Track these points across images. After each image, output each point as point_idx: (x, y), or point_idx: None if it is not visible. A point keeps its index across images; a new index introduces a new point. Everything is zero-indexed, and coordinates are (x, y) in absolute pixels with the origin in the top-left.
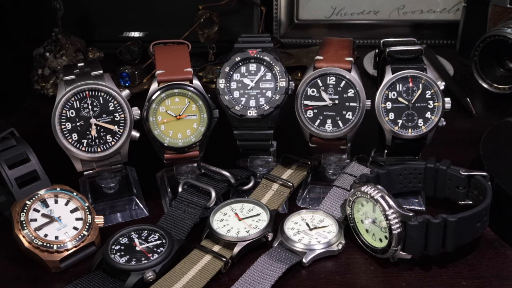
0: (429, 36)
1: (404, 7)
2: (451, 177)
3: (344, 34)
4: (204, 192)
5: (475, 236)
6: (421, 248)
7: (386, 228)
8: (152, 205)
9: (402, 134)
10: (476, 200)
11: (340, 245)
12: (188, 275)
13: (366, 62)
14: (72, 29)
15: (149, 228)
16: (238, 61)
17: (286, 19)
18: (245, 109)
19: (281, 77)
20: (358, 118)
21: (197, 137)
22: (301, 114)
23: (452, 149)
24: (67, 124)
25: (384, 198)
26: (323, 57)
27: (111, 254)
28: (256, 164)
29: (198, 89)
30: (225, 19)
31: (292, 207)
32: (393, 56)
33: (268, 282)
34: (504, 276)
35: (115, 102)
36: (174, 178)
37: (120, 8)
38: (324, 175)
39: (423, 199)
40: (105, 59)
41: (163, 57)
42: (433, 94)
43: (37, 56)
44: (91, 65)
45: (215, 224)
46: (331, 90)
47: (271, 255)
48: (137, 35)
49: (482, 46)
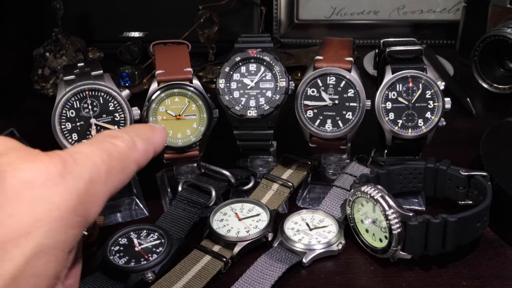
0: (429, 36)
1: (404, 7)
2: (451, 177)
3: (344, 34)
4: (204, 191)
5: (475, 236)
6: (421, 248)
7: (386, 228)
8: (152, 205)
9: (402, 134)
10: (476, 200)
11: (340, 245)
12: (188, 275)
13: (366, 62)
14: (72, 29)
15: (148, 228)
16: (238, 61)
17: (286, 19)
18: (245, 109)
19: (281, 77)
20: (358, 118)
21: (197, 137)
22: (301, 114)
23: (452, 149)
24: (67, 124)
25: (384, 198)
26: (323, 57)
27: (110, 255)
28: (256, 164)
29: (198, 89)
30: (225, 19)
31: (292, 207)
32: (393, 56)
33: (268, 282)
34: (504, 276)
35: (115, 102)
36: (174, 178)
37: (120, 8)
38: (324, 175)
39: (423, 199)
40: (105, 59)
41: (163, 57)
42: (433, 94)
43: (37, 56)
44: (91, 65)
45: (215, 224)
46: (331, 90)
47: (271, 255)
48: (137, 35)
49: (482, 46)
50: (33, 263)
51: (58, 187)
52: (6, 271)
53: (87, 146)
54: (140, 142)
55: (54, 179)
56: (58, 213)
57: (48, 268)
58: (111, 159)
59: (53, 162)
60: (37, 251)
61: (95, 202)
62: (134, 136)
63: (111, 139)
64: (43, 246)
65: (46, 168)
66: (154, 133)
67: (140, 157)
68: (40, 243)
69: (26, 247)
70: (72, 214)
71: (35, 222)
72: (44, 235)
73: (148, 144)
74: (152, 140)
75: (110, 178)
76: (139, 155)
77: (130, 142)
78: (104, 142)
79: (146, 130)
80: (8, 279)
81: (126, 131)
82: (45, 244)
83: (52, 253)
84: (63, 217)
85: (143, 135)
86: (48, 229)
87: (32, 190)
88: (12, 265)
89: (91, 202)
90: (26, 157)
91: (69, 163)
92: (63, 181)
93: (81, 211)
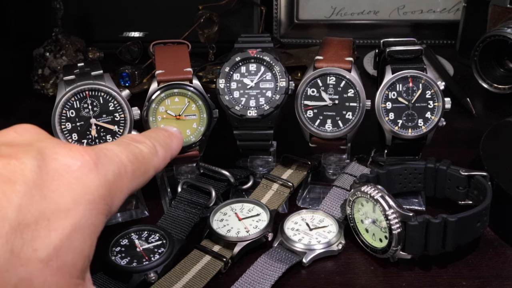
0: (429, 36)
1: (404, 7)
2: (451, 177)
3: (344, 34)
4: (203, 191)
5: (475, 236)
6: (421, 248)
7: (386, 228)
8: (152, 205)
9: (402, 134)
10: (476, 200)
11: (340, 245)
12: (188, 275)
13: (366, 62)
14: (72, 29)
15: (149, 229)
16: (238, 61)
17: (286, 19)
18: (245, 109)
19: (281, 77)
20: (358, 118)
21: (197, 137)
22: (301, 114)
23: (452, 149)
24: (67, 124)
25: (384, 198)
26: (323, 57)
27: (112, 256)
28: (256, 164)
29: (198, 89)
30: (225, 19)
31: (292, 207)
32: (393, 56)
33: (268, 282)
34: (504, 276)
35: (115, 102)
36: (174, 178)
37: (120, 8)
38: (324, 175)
39: (423, 199)
40: (105, 59)
41: (163, 57)
42: (433, 94)
43: (37, 56)
44: (91, 65)
45: (215, 224)
46: (331, 90)
47: (271, 255)
48: (137, 35)
49: (482, 46)
50: (73, 239)
51: (92, 174)
52: (50, 241)
53: (115, 145)
54: (161, 149)
55: (89, 166)
56: (92, 197)
57: (84, 247)
58: (136, 160)
59: (88, 152)
60: (76, 228)
61: (119, 195)
62: (156, 143)
63: (136, 143)
64: (80, 224)
65: (82, 157)
66: (172, 140)
67: (159, 163)
68: (78, 221)
69: (67, 222)
70: (102, 200)
71: (74, 201)
72: (82, 214)
73: (166, 151)
74: (170, 146)
75: (134, 178)
76: (159, 161)
77: (153, 148)
78: (130, 144)
79: (166, 137)
80: (52, 249)
81: (148, 137)
82: (82, 222)
83: (88, 234)
84: (96, 202)
85: (163, 142)
86: (84, 209)
87: (71, 173)
88: (55, 236)
89: (116, 194)
90: (62, 145)
91: (101, 156)
92: (96, 169)
93: (108, 200)
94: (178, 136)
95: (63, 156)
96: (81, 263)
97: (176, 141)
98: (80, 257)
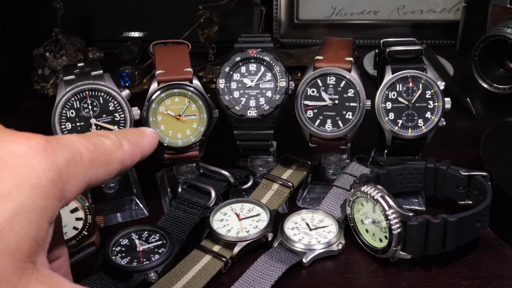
0: (429, 36)
1: (404, 7)
2: (451, 177)
3: (344, 34)
4: (203, 191)
5: (475, 236)
6: (421, 248)
7: (386, 228)
8: (152, 205)
9: (402, 134)
10: (476, 200)
11: (340, 245)
12: (188, 275)
13: (366, 62)
14: (72, 29)
15: (149, 229)
16: (238, 61)
17: (286, 19)
18: (245, 109)
19: (281, 77)
20: (358, 118)
21: (197, 137)
22: (301, 114)
23: (452, 149)
24: (67, 124)
25: (384, 198)
26: (323, 57)
27: (112, 255)
28: (256, 164)
29: (198, 89)
30: (225, 19)
31: (292, 207)
32: (393, 56)
33: (268, 282)
34: (504, 276)
35: (115, 102)
36: (174, 178)
37: (120, 8)
38: (324, 175)
39: (423, 199)
40: (105, 59)
41: (163, 57)
42: (433, 94)
43: (37, 56)
44: (91, 65)
45: (215, 224)
46: (331, 90)
47: (271, 255)
48: (137, 35)
49: (482, 46)
50: (14, 222)
51: (38, 157)
52: None
53: (74, 136)
54: (127, 144)
55: (35, 151)
56: (37, 180)
57: (29, 230)
58: (96, 151)
59: (36, 138)
60: (18, 211)
61: (73, 181)
62: (122, 138)
63: (100, 137)
64: (23, 207)
65: (28, 141)
66: (143, 137)
67: (125, 158)
68: (21, 204)
69: (8, 205)
70: (51, 184)
71: (16, 185)
72: (25, 197)
73: (134, 147)
74: (139, 143)
75: (93, 167)
76: (124, 155)
77: (117, 142)
78: (92, 137)
79: (135, 135)
80: None
81: (115, 133)
82: (26, 206)
83: (33, 217)
84: (42, 185)
85: (131, 139)
86: (28, 192)
87: (15, 158)
88: None
89: (69, 180)
90: (11, 134)
91: (52, 142)
92: (44, 153)
93: (59, 184)
94: (151, 136)
95: (9, 143)
96: (27, 246)
97: (148, 139)
98: (25, 240)
